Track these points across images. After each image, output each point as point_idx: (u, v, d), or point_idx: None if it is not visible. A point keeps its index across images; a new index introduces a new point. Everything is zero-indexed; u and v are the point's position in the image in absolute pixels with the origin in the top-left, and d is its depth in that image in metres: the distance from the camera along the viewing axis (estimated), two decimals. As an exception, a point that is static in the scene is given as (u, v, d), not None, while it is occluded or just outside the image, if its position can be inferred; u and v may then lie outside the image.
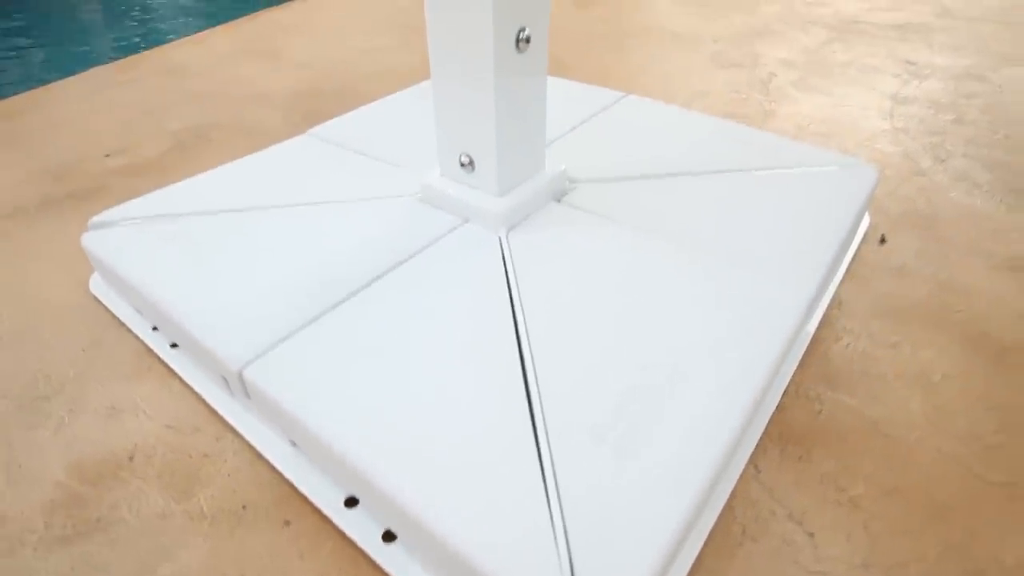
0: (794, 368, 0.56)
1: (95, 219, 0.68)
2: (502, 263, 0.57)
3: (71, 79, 1.32)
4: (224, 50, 1.45)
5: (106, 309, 0.67)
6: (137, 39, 2.08)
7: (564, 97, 0.88)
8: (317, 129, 0.85)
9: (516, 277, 0.56)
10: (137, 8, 2.54)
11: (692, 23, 1.52)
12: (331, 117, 1.04)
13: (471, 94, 0.57)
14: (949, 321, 0.62)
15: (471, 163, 0.62)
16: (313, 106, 1.13)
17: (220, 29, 1.61)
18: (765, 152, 0.75)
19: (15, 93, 1.28)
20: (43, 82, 1.32)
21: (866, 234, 0.74)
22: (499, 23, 0.53)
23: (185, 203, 0.69)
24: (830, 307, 0.63)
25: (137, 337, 0.63)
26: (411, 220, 0.64)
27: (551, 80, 0.61)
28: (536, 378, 0.46)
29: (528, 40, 0.56)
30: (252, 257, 0.60)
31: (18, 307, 0.68)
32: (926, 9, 1.61)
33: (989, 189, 0.83)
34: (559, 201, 0.67)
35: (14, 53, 1.94)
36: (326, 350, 0.49)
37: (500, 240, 0.61)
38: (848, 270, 0.68)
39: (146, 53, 1.47)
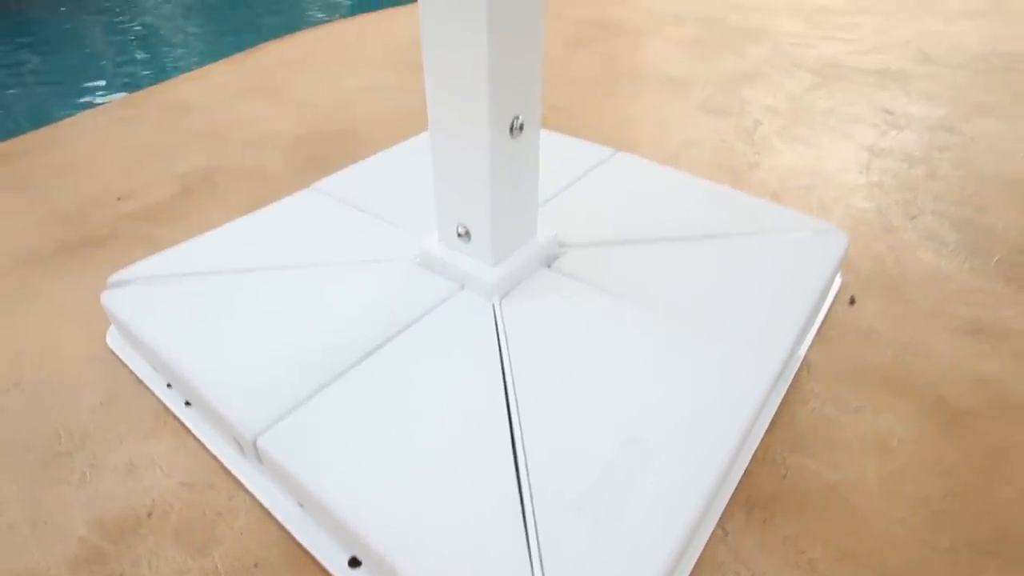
0: (763, 432, 0.61)
1: (114, 277, 0.72)
2: (495, 333, 0.62)
3: (79, 116, 1.37)
4: (227, 87, 1.50)
5: (123, 363, 0.71)
6: (145, 72, 2.13)
7: (557, 153, 0.93)
8: (321, 184, 0.90)
9: (508, 348, 0.60)
10: (139, 35, 2.58)
11: (684, 65, 1.58)
12: (332, 162, 1.09)
13: (468, 173, 0.62)
14: (909, 386, 0.67)
15: (467, 234, 0.66)
16: (314, 150, 1.18)
17: (223, 64, 1.66)
18: (745, 215, 0.80)
19: (24, 130, 1.32)
20: (49, 119, 1.37)
21: (837, 295, 0.79)
22: (494, 113, 0.58)
23: (199, 262, 0.74)
24: (800, 370, 0.68)
25: (153, 393, 0.67)
26: (411, 285, 0.69)
27: (544, 133, 0.66)
28: (524, 449, 0.51)
29: (522, 127, 0.61)
30: (262, 320, 0.65)
31: (39, 358, 0.72)
32: (907, 54, 1.67)
33: (955, 249, 0.89)
34: (549, 267, 0.72)
35: (14, 90, 1.99)
36: (332, 420, 0.53)
37: (494, 308, 0.65)
38: (818, 332, 0.73)
39: (151, 89, 1.51)
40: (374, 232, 0.78)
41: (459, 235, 0.67)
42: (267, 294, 0.68)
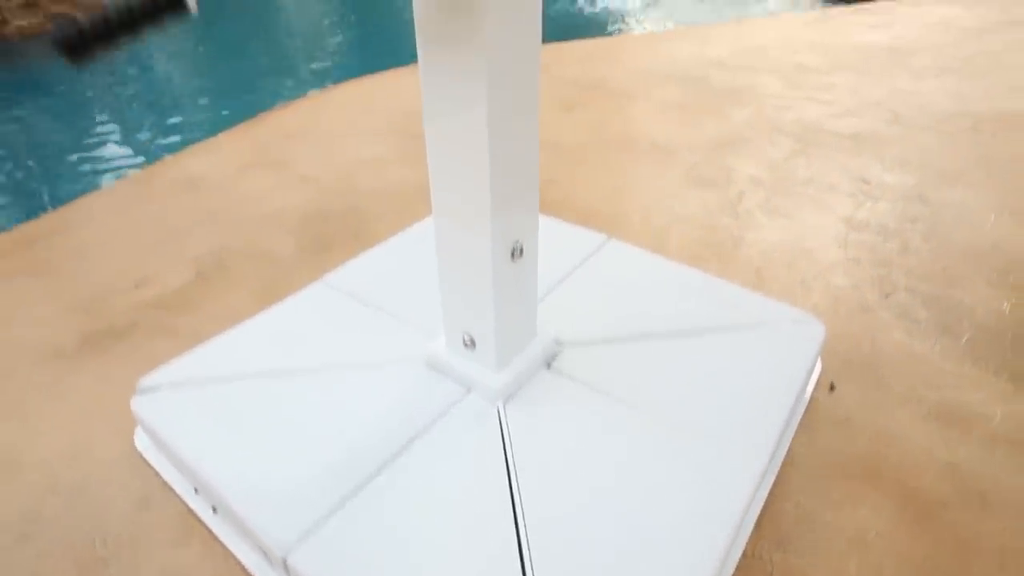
0: (750, 530, 0.66)
1: (143, 382, 0.77)
2: (500, 440, 0.67)
3: (94, 195, 1.43)
4: (233, 160, 1.56)
5: (150, 466, 0.76)
6: (145, 136, 2.20)
7: (553, 241, 0.98)
8: (330, 277, 0.95)
9: (513, 455, 0.65)
10: (143, 99, 2.65)
11: (670, 131, 1.66)
12: (338, 243, 1.15)
13: (472, 292, 0.68)
14: (885, 476, 0.72)
15: (472, 342, 0.72)
16: (321, 229, 1.24)
17: (230, 135, 1.73)
18: (731, 307, 0.86)
19: (38, 209, 1.38)
20: (64, 196, 1.42)
21: (818, 381, 0.85)
22: (496, 242, 0.64)
23: (221, 365, 0.79)
24: (784, 464, 0.73)
25: (181, 498, 0.71)
26: (422, 389, 0.74)
27: (540, 219, 0.71)
28: (530, 557, 0.56)
29: (522, 252, 0.67)
30: (283, 428, 0.69)
31: (71, 460, 0.76)
32: (879, 115, 1.77)
33: (926, 328, 0.95)
34: (549, 367, 0.77)
35: (26, 165, 2.05)
36: (359, 535, 0.58)
37: (499, 411, 0.71)
38: (801, 422, 0.79)
39: (161, 163, 1.58)
40: (385, 331, 0.84)
41: (465, 344, 0.73)
42: (286, 400, 0.73)
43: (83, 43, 0.38)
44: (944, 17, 3.03)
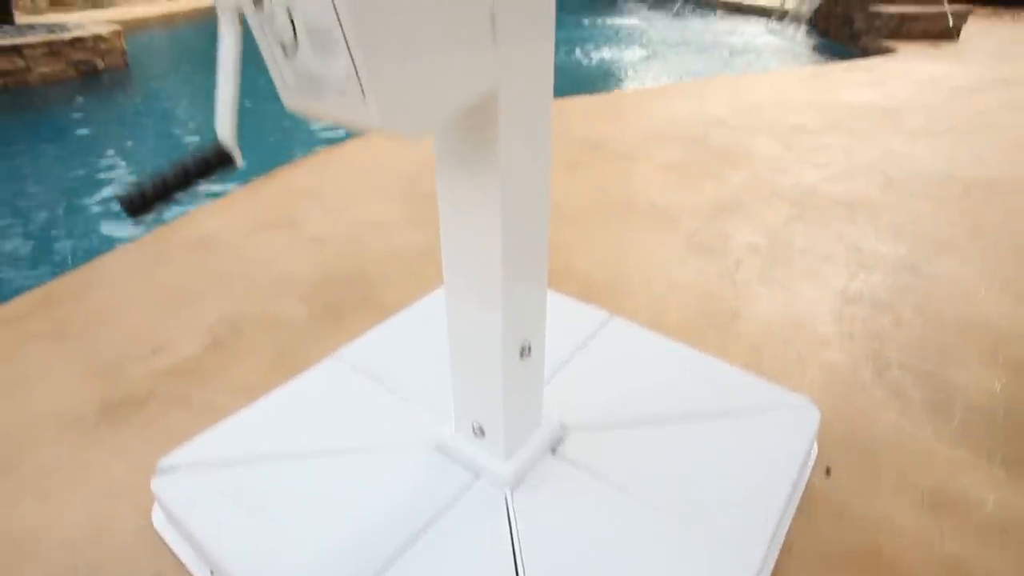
0: (750, 624, 0.68)
1: (162, 462, 0.80)
2: (508, 528, 0.70)
3: (111, 256, 1.47)
4: (246, 220, 1.61)
5: (167, 545, 0.78)
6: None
7: (556, 318, 1.02)
8: (343, 352, 0.99)
9: (520, 545, 0.68)
10: (142, 149, 2.72)
11: (671, 194, 1.71)
12: (349, 310, 1.19)
13: (482, 387, 0.71)
14: (881, 569, 0.74)
15: (481, 431, 0.75)
16: (331, 296, 1.28)
17: (242, 193, 1.79)
18: (729, 391, 0.90)
19: (55, 265, 1.42)
20: (79, 251, 1.47)
21: (814, 465, 0.88)
22: (507, 342, 0.67)
23: (237, 447, 0.82)
24: (782, 551, 0.75)
25: (196, 581, 0.73)
26: (434, 475, 0.77)
27: None
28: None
29: (530, 351, 0.71)
30: (299, 513, 0.72)
31: (91, 538, 0.79)
32: (873, 179, 1.83)
33: (919, 408, 0.98)
34: (554, 452, 0.80)
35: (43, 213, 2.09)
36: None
37: (506, 499, 0.73)
38: (798, 508, 0.81)
39: (176, 223, 1.63)
40: (397, 412, 0.87)
41: (474, 432, 0.76)
42: (301, 484, 0.76)
43: (145, 203, 0.43)
44: (933, 75, 3.14)
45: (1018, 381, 1.03)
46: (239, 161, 0.45)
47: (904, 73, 3.17)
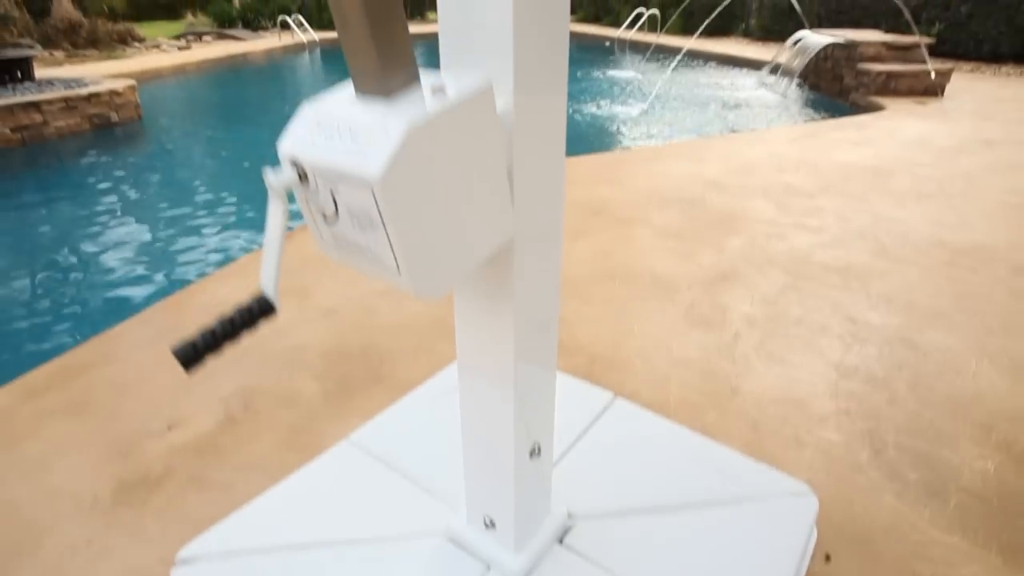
0: None
1: (181, 553, 0.82)
2: (520, 627, 0.72)
3: (127, 325, 1.51)
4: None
5: (184, 640, 0.79)
6: (179, 269, 2.31)
7: (562, 400, 1.06)
8: (356, 436, 1.02)
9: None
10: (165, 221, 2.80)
11: (670, 262, 1.77)
12: (360, 386, 1.22)
13: (494, 485, 0.74)
14: (881, 662, 0.76)
15: (492, 524, 0.78)
16: (343, 370, 1.31)
17: (254, 257, 1.84)
18: (731, 476, 0.93)
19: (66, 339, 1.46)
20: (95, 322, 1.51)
21: (814, 552, 0.90)
22: (518, 445, 0.71)
23: (253, 536, 0.84)
24: (785, 646, 0.77)
25: None
26: (445, 565, 0.79)
27: None
28: None
29: (539, 451, 0.74)
30: (315, 609, 0.74)
31: (107, 634, 0.80)
32: (864, 246, 1.89)
33: (915, 490, 1.01)
34: (561, 542, 0.83)
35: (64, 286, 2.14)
36: None
37: (517, 593, 0.76)
38: (800, 598, 0.83)
39: (190, 289, 1.68)
40: (410, 500, 0.90)
41: (485, 524, 0.79)
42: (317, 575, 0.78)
43: (197, 355, 0.47)
44: (920, 134, 3.25)
45: (1009, 462, 1.07)
46: (278, 307, 0.50)
47: (892, 132, 3.29)
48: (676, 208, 2.18)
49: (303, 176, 0.45)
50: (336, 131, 0.42)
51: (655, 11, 8.69)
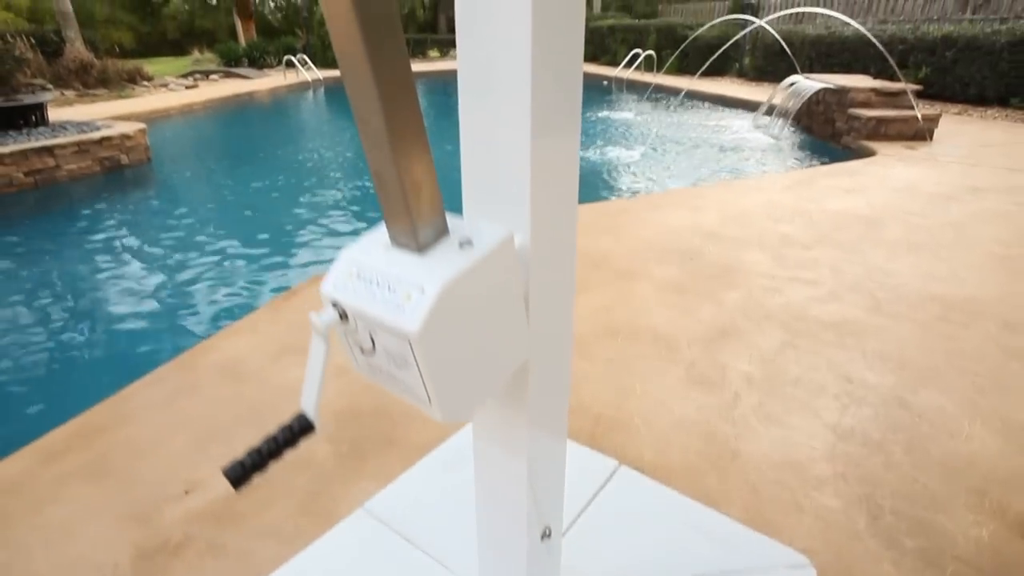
0: None
1: (203, 630, 0.85)
2: None
3: (139, 384, 1.55)
4: (270, 343, 1.71)
5: None
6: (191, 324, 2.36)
7: (567, 467, 1.10)
8: (371, 504, 1.06)
9: None
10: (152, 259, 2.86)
11: (671, 319, 1.82)
12: (374, 451, 1.26)
13: (507, 567, 0.78)
14: None
15: (507, 606, 0.81)
16: (355, 432, 1.35)
17: (265, 312, 1.89)
18: (732, 548, 0.96)
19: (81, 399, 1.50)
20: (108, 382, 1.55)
21: (815, 625, 0.93)
22: (530, 530, 0.75)
23: (275, 611, 0.87)
24: None
25: None
26: (459, 646, 0.82)
27: None
28: None
29: (550, 534, 0.78)
30: None
31: None
32: (859, 301, 1.95)
33: (912, 560, 1.04)
34: (573, 620, 0.86)
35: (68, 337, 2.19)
36: None
37: (530, 674, 0.79)
38: (802, 674, 0.86)
39: (203, 346, 1.72)
40: (426, 573, 0.93)
41: (500, 605, 0.82)
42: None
43: (245, 473, 0.52)
44: (910, 181, 3.35)
45: (1003, 529, 1.10)
46: (318, 426, 0.55)
47: (883, 179, 3.38)
48: (675, 260, 2.24)
49: (343, 316, 0.51)
50: (375, 281, 0.48)
51: (651, 52, 8.95)
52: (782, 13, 6.08)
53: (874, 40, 5.19)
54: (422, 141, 0.45)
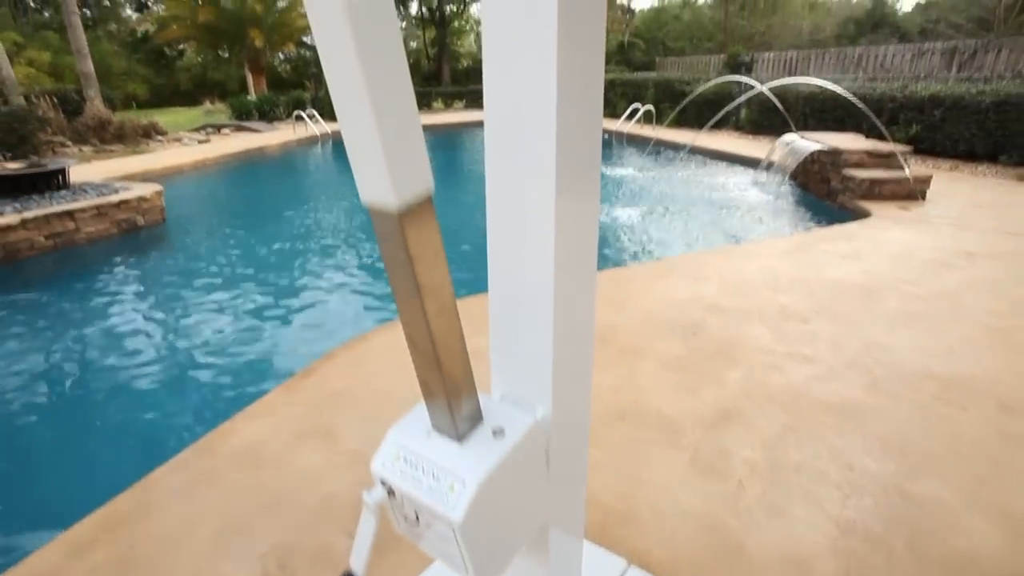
0: None
1: None
2: None
3: (160, 471, 1.60)
4: (287, 427, 1.77)
5: None
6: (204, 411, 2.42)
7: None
8: (392, 609, 1.10)
9: None
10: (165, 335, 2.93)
11: (675, 400, 1.88)
12: (391, 549, 1.30)
13: None
14: None
15: None
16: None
17: (283, 392, 1.96)
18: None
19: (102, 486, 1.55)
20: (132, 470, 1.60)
21: None
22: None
23: None
24: None
25: None
26: None
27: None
28: None
29: (568, 655, 0.83)
30: None
31: None
32: (858, 379, 2.00)
33: (915, 666, 1.07)
34: None
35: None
36: None
37: None
38: None
39: (223, 428, 1.78)
40: None
41: None
42: None
43: None
44: (904, 246, 3.44)
45: (1004, 633, 1.13)
46: None
47: (878, 244, 3.48)
48: (678, 336, 2.31)
49: (391, 492, 0.58)
50: (420, 467, 0.55)
51: (650, 107, 9.24)
52: (780, 82, 6.35)
53: (862, 106, 5.39)
54: (463, 358, 0.52)
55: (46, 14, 20.06)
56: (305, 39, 19.33)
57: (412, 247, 0.43)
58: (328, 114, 11.70)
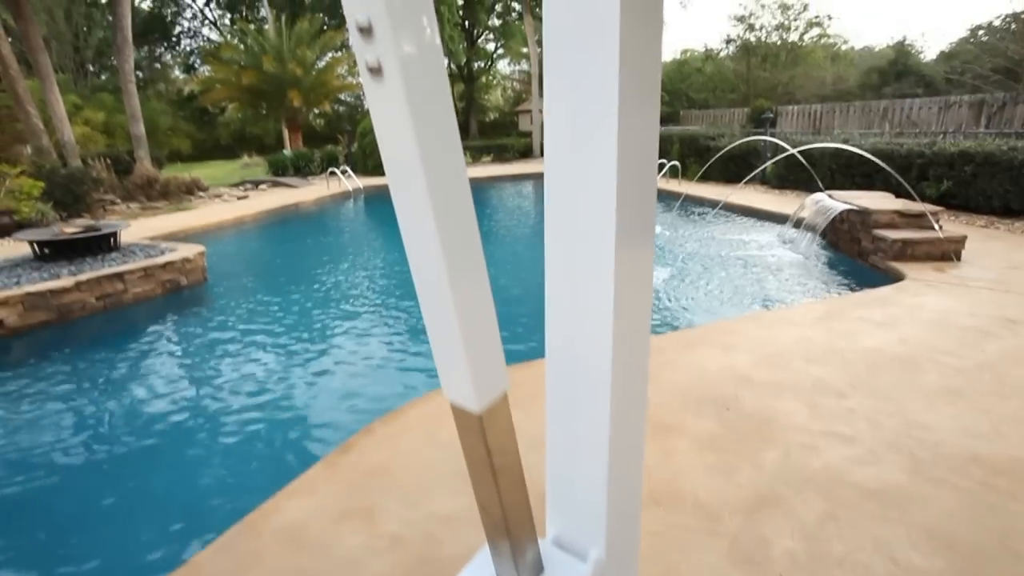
0: None
1: None
2: None
3: (206, 554, 1.65)
4: (327, 506, 1.80)
5: None
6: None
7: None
8: None
9: None
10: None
11: (711, 483, 1.87)
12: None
13: None
14: None
15: None
16: (413, 615, 1.41)
17: (323, 469, 2.00)
18: None
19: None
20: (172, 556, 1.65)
21: None
22: None
23: None
24: None
25: None
26: None
27: None
28: None
29: None
30: None
31: None
32: (899, 461, 1.97)
33: None
34: None
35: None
36: None
37: None
38: None
39: (265, 507, 1.82)
40: None
41: None
42: None
43: None
44: (941, 312, 3.39)
45: None
46: None
47: (914, 309, 3.44)
48: (712, 412, 2.30)
49: None
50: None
51: (676, 162, 9.39)
52: (808, 147, 6.43)
53: (885, 166, 5.41)
54: (529, 519, 0.56)
55: (103, 76, 21.47)
56: (341, 96, 20.25)
57: (491, 441, 0.48)
58: (360, 169, 12.16)
